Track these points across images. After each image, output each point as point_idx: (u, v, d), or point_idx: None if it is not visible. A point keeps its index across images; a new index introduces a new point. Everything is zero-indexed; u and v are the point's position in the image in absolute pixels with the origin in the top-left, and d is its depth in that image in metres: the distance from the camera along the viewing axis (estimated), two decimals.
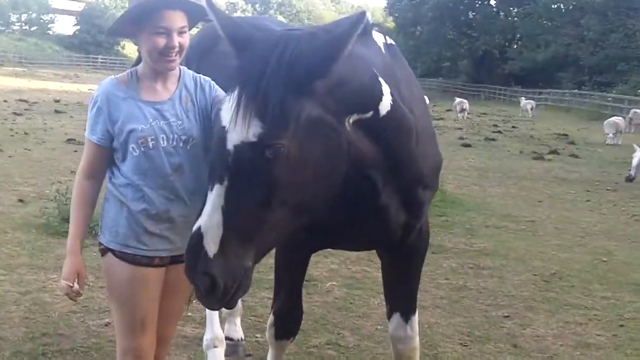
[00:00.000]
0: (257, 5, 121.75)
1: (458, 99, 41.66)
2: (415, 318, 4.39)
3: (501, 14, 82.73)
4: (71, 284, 3.49)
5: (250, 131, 2.79)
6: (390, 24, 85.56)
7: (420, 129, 3.63)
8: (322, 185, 3.06)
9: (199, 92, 3.60)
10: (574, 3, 67.04)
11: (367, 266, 8.25)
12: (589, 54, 61.20)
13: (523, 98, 52.37)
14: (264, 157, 2.80)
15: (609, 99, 47.59)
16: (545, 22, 73.00)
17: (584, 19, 63.10)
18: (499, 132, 31.46)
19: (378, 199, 3.60)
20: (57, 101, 31.86)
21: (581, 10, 64.92)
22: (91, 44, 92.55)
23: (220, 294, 2.82)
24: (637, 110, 35.47)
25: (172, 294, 3.68)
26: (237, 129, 2.82)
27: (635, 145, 18.57)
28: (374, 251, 4.56)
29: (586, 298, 7.72)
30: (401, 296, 4.37)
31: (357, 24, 2.87)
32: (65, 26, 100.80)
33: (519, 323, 6.82)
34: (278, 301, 4.32)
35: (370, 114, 3.23)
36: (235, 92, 2.88)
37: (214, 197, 2.84)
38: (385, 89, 3.31)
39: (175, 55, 3.39)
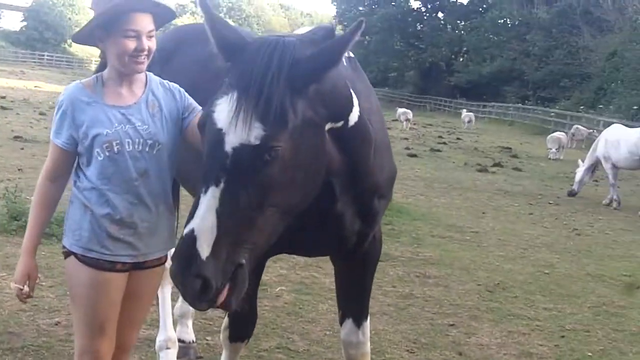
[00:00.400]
0: None
1: (401, 109, 41.90)
2: (367, 324, 4.48)
3: (448, 27, 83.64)
4: (21, 287, 3.49)
5: (252, 133, 2.83)
6: (339, 32, 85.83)
7: (378, 141, 3.72)
8: (308, 188, 3.15)
9: (168, 98, 3.63)
10: (520, 19, 68.04)
11: (316, 272, 8.32)
12: (534, 69, 62.20)
13: (464, 110, 53.12)
14: (262, 159, 2.86)
15: (552, 114, 48.38)
16: (491, 36, 74.00)
17: (530, 35, 64.14)
18: (444, 143, 31.78)
19: (335, 206, 3.67)
20: (3, 97, 31.24)
21: (527, 26, 65.95)
22: (38, 40, 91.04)
23: (212, 295, 2.84)
24: (579, 127, 36.16)
25: (134, 300, 3.69)
26: (237, 131, 2.85)
27: (579, 161, 18.95)
28: (323, 257, 4.62)
29: (529, 309, 7.89)
30: (354, 302, 4.45)
31: (356, 32, 3.01)
32: (12, 22, 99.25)
33: (463, 332, 6.94)
34: None
35: (341, 123, 3.31)
36: (234, 95, 2.91)
37: (209, 199, 2.86)
38: (355, 100, 3.40)
39: (144, 57, 3.41)
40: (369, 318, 4.51)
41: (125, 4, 3.33)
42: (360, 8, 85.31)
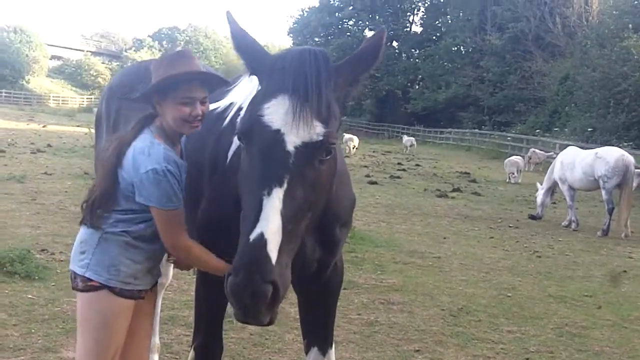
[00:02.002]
0: (164, 42, 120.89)
1: (347, 135, 41.83)
2: (332, 351, 4.50)
3: (403, 55, 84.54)
4: None
5: (314, 132, 2.94)
6: None
7: (339, 170, 3.76)
8: (325, 199, 3.29)
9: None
10: (473, 46, 68.96)
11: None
12: (489, 95, 62.99)
13: (405, 136, 54.01)
14: (320, 157, 2.98)
15: (509, 138, 48.90)
16: (445, 63, 74.89)
17: (483, 61, 65.03)
18: (404, 170, 31.89)
19: None
20: None
21: (480, 53, 66.88)
22: None
23: (278, 302, 2.84)
24: (536, 150, 36.67)
25: (142, 315, 3.99)
26: (300, 130, 2.93)
27: (537, 184, 19.18)
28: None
29: (493, 332, 7.94)
30: (318, 330, 4.46)
31: (384, 37, 3.24)
32: None
33: (429, 357, 6.96)
34: (199, 335, 4.32)
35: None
36: (288, 97, 2.99)
37: (274, 200, 2.86)
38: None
39: (198, 122, 3.65)
40: (334, 345, 4.53)
41: (183, 75, 3.58)
42: (316, 39, 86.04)
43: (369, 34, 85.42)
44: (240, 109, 3.95)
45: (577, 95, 44.97)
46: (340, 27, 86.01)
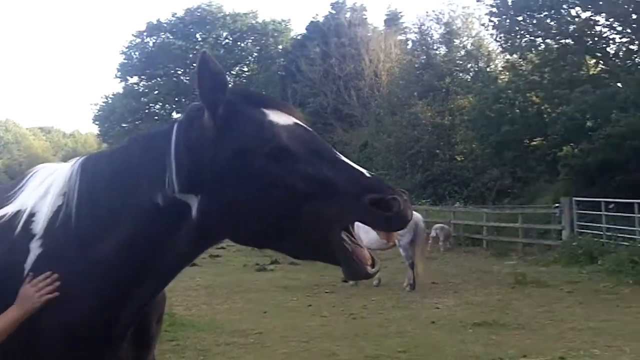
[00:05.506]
0: None
1: None
2: None
3: None
4: None
5: None
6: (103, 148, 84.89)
7: None
8: None
9: None
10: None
11: None
12: None
13: None
14: None
15: None
16: None
17: None
18: (223, 247, 31.34)
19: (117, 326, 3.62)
20: None
21: None
22: None
23: None
24: None
25: None
26: None
27: None
28: None
29: None
30: None
31: None
32: None
33: None
34: None
35: None
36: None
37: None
38: None
39: None
40: None
41: None
42: (124, 125, 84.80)
43: (176, 116, 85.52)
44: (32, 214, 3.56)
45: (376, 161, 47.10)
46: (147, 111, 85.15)
